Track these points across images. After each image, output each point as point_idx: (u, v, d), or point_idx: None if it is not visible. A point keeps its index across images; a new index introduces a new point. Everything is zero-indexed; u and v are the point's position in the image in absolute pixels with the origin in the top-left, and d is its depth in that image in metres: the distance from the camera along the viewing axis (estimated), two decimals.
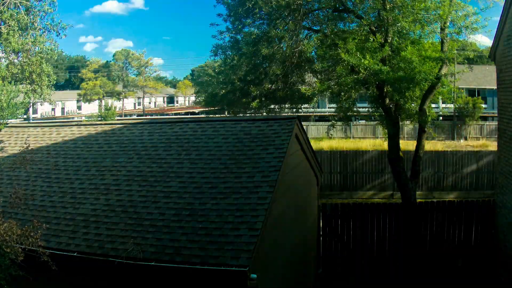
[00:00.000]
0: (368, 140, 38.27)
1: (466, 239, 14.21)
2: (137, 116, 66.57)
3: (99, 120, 39.13)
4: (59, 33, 12.21)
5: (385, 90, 14.13)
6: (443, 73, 13.99)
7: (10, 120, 12.07)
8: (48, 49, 12.16)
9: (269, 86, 15.63)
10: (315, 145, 27.03)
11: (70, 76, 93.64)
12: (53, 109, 64.79)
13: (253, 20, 15.14)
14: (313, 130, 42.57)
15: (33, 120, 50.78)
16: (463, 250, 14.09)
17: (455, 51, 15.17)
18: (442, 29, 13.61)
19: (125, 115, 66.63)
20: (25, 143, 9.59)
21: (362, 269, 14.06)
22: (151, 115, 67.24)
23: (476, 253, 13.95)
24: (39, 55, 11.95)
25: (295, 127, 9.94)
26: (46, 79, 12.39)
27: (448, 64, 14.27)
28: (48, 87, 12.70)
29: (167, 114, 68.49)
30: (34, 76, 12.10)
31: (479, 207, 14.27)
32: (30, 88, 12.35)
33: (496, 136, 15.04)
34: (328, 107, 45.97)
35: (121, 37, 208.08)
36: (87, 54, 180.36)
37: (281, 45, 14.51)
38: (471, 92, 49.07)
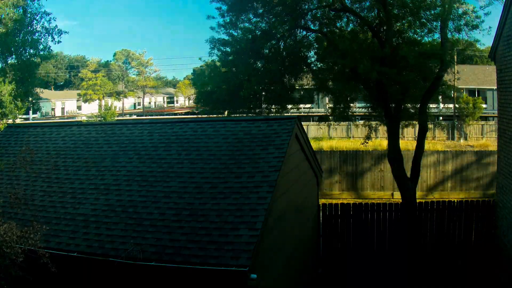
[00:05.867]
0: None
1: (466, 239, 14.23)
2: (137, 116, 66.51)
3: (99, 120, 39.14)
4: (54, 38, 12.09)
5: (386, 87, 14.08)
6: (443, 73, 13.98)
7: (10, 120, 12.09)
8: (42, 50, 12.15)
9: (261, 87, 15.52)
10: (315, 145, 27.03)
11: (70, 76, 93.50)
12: (53, 109, 64.74)
13: (250, 18, 15.04)
14: (313, 130, 42.54)
15: (33, 120, 50.78)
16: (463, 250, 14.11)
17: (455, 51, 15.15)
18: (442, 28, 13.59)
19: (125, 115, 66.59)
20: (25, 143, 9.59)
21: (362, 269, 14.05)
22: (151, 115, 67.21)
23: (476, 253, 13.95)
24: (32, 59, 11.94)
25: (295, 127, 9.93)
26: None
27: (447, 63, 14.23)
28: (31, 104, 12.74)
29: (167, 114, 68.44)
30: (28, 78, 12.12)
31: (479, 207, 14.29)
32: (20, 91, 12.37)
33: (496, 136, 15.03)
34: (328, 107, 45.89)
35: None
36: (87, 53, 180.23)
37: (279, 44, 14.47)
38: (471, 92, 49.02)
